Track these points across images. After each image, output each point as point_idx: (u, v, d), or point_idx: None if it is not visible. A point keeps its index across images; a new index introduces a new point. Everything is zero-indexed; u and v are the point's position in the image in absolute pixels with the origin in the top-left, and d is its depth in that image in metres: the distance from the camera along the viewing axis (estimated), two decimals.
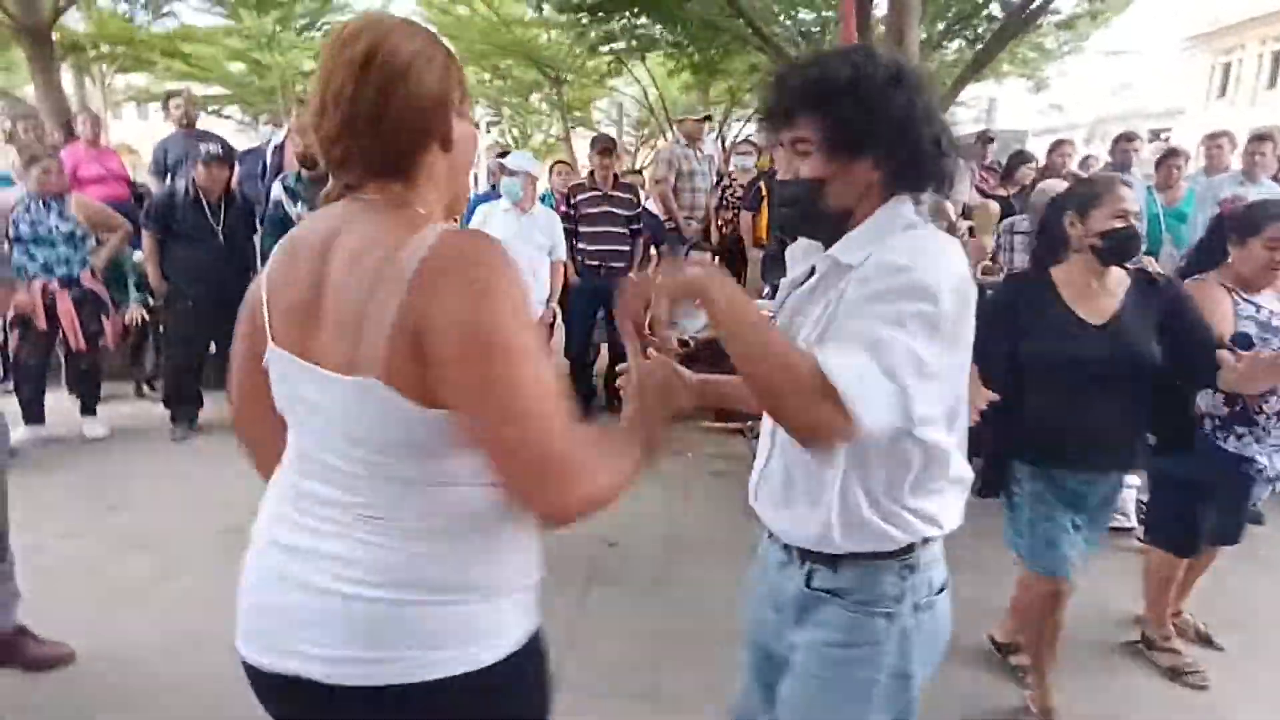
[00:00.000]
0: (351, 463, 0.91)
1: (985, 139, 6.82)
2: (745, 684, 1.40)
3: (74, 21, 10.81)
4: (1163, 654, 2.45)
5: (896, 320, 0.95)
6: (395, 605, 0.89)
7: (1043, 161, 5.78)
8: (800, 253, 1.24)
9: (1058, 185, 3.89)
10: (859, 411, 0.91)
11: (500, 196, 4.42)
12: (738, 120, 17.07)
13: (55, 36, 8.59)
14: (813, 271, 1.16)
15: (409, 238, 0.86)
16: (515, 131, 19.66)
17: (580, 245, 4.62)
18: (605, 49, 10.66)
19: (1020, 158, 5.60)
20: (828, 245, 1.13)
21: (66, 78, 10.43)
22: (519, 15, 13.96)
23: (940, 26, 9.01)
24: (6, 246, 3.77)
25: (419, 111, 0.91)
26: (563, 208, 4.87)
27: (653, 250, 5.30)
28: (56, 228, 3.91)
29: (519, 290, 0.89)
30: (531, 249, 4.13)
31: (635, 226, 4.80)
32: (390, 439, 0.89)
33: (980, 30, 8.52)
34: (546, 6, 11.95)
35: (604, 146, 4.85)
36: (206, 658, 2.37)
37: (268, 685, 0.94)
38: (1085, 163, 6.94)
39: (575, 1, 8.40)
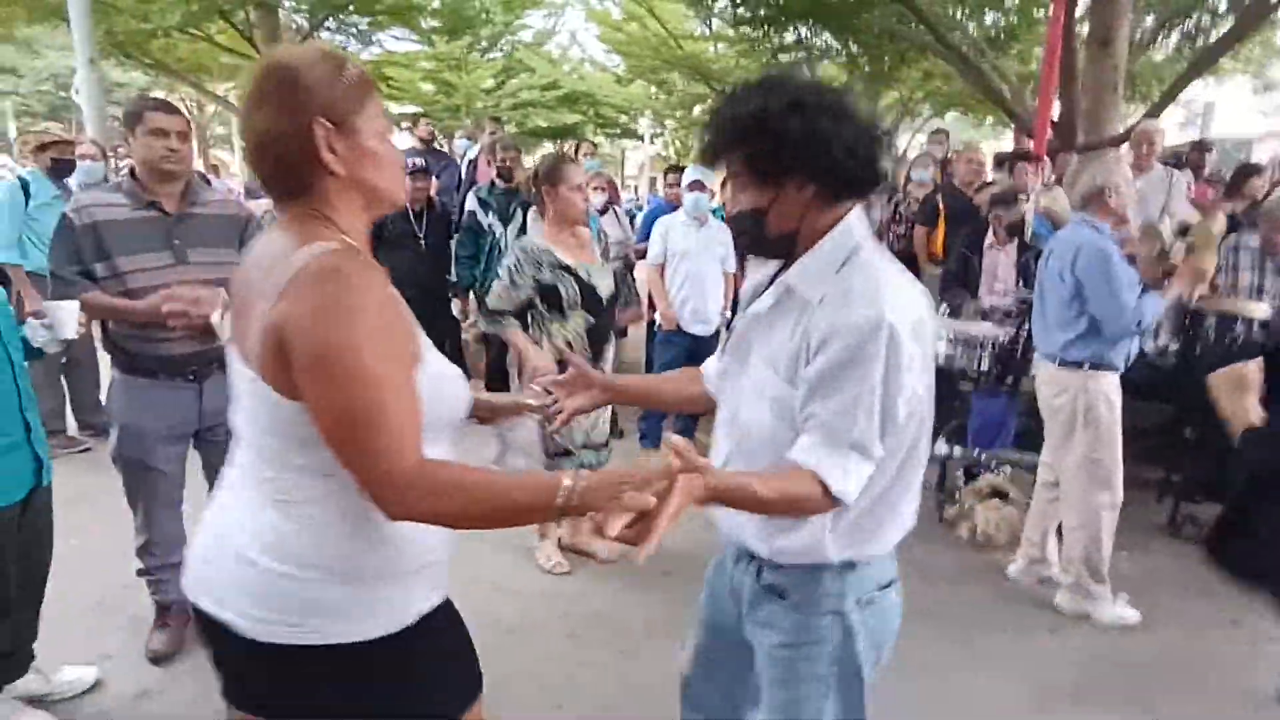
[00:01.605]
0: (260, 444, 1.05)
1: (1202, 148, 6.11)
2: (698, 669, 1.47)
3: None
4: None
5: (869, 388, 1.08)
6: (291, 579, 1.02)
7: (1276, 174, 5.09)
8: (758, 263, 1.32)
9: None
10: (852, 499, 1.11)
11: (674, 209, 4.55)
12: (906, 131, 16.37)
13: None
14: (770, 286, 1.23)
15: (297, 250, 0.97)
16: (677, 144, 20.02)
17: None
18: (776, 61, 10.62)
19: (1250, 168, 4.96)
20: (786, 262, 1.21)
21: None
22: (688, 31, 14.23)
23: (1149, 22, 8.15)
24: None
25: (279, 138, 0.99)
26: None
27: None
28: None
29: (377, 312, 0.96)
30: (710, 259, 4.23)
31: None
32: (273, 427, 1.02)
33: (1202, 24, 7.60)
34: (716, 21, 12.15)
35: None
36: None
37: (201, 623, 1.11)
38: None
39: (747, 15, 8.44)
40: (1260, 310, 3.37)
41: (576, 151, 6.21)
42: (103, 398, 3.31)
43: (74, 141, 4.39)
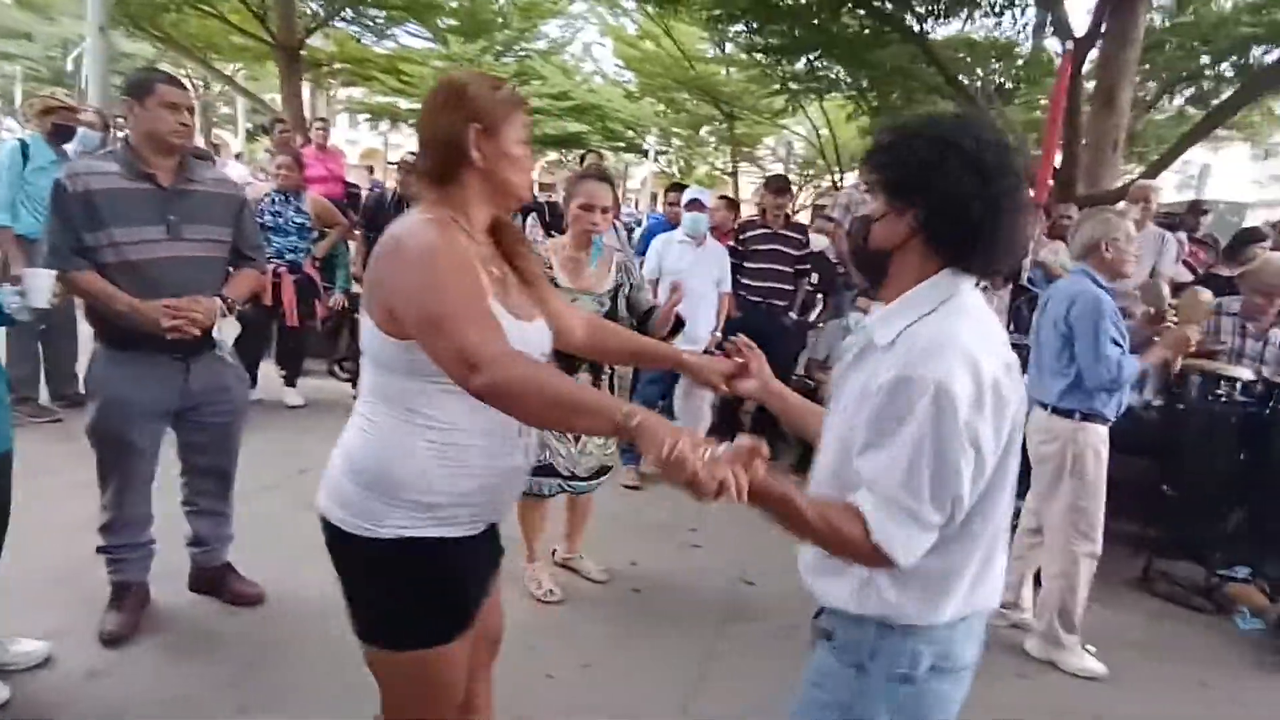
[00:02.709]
0: (368, 378, 1.32)
1: (1198, 210, 6.20)
2: None
3: (316, 42, 12.35)
4: None
5: (916, 449, 1.04)
6: (338, 470, 1.33)
7: (1270, 242, 5.16)
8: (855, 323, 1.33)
9: None
10: (900, 560, 1.07)
11: (673, 227, 4.56)
12: None
13: (303, 54, 9.87)
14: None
15: (400, 223, 1.26)
16: (681, 162, 20.14)
17: (745, 281, 4.66)
18: (786, 89, 10.74)
19: (1251, 234, 5.03)
20: (871, 285, 1.23)
21: (304, 89, 11.95)
22: (702, 53, 14.37)
23: (1154, 85, 8.31)
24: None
25: (445, 136, 1.28)
26: (729, 242, 4.94)
27: (820, 296, 5.23)
28: (292, 219, 4.48)
29: (448, 252, 1.20)
30: (706, 279, 4.22)
31: (801, 267, 4.77)
32: (374, 356, 1.29)
33: (1205, 88, 7.75)
34: (730, 46, 12.28)
35: (779, 186, 4.88)
36: None
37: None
38: None
39: (760, 42, 8.54)
40: (1244, 372, 3.41)
41: (582, 161, 6.23)
42: (79, 369, 3.25)
43: (77, 108, 4.35)
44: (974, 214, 1.08)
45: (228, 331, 2.32)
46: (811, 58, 8.41)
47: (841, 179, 15.43)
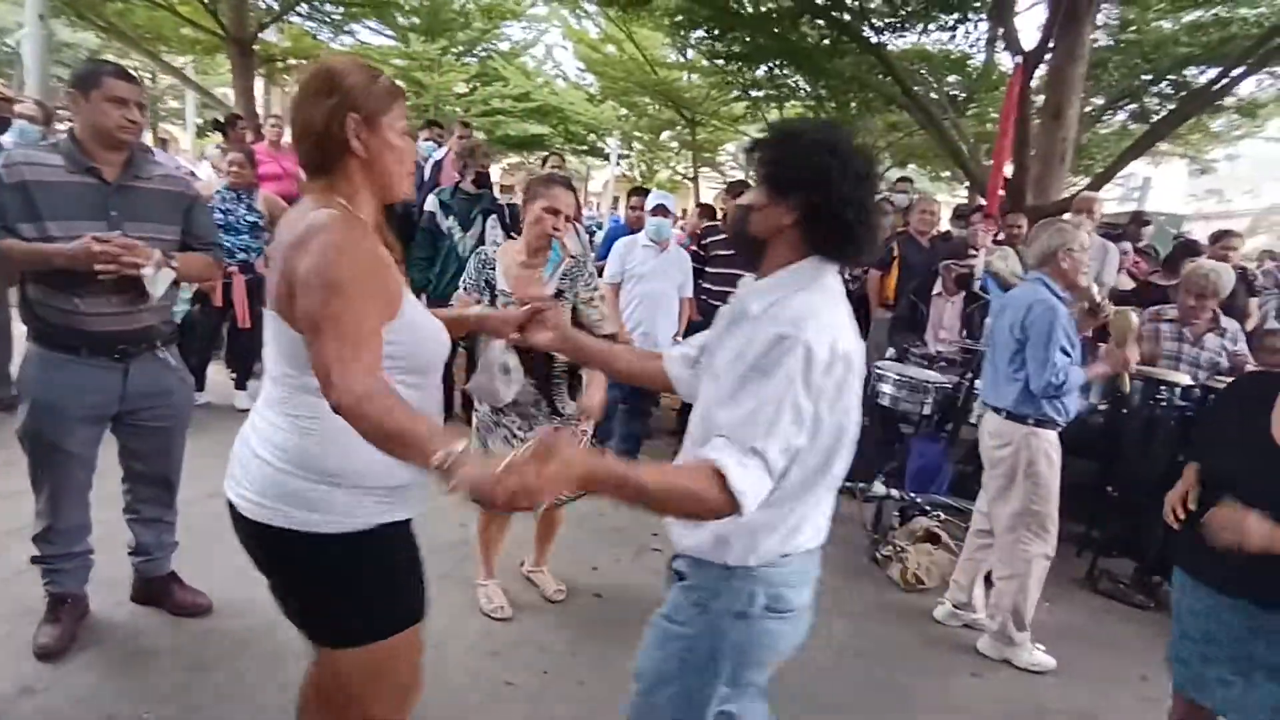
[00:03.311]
0: (277, 372, 1.32)
1: (1140, 221, 6.45)
2: None
3: (270, 36, 12.05)
4: None
5: (776, 400, 1.16)
6: (283, 474, 1.29)
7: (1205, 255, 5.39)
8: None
9: (1221, 266, 3.62)
10: (749, 506, 1.15)
11: (633, 232, 4.56)
12: None
13: (256, 48, 9.61)
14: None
15: (309, 215, 1.25)
16: (643, 166, 20.18)
17: (705, 285, 4.69)
18: (746, 96, 10.83)
19: (1189, 248, 5.25)
20: (749, 265, 1.35)
21: (257, 84, 11.64)
22: (664, 58, 14.43)
23: (1101, 100, 8.62)
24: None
25: (320, 125, 1.27)
26: (693, 247, 4.96)
27: None
28: (244, 218, 4.35)
29: (354, 255, 1.21)
30: (668, 284, 4.23)
31: None
32: (286, 353, 1.28)
33: (1147, 105, 8.07)
34: (692, 51, 12.36)
35: (740, 191, 4.92)
36: None
37: (228, 505, 1.38)
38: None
39: (722, 49, 8.62)
40: (1182, 377, 3.55)
41: (544, 164, 6.20)
42: (14, 370, 3.11)
43: (14, 99, 4.17)
44: (847, 216, 1.23)
45: (161, 281, 2.15)
46: (772, 65, 8.52)
47: None
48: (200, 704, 2.15)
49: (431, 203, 4.56)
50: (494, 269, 2.58)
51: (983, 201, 6.77)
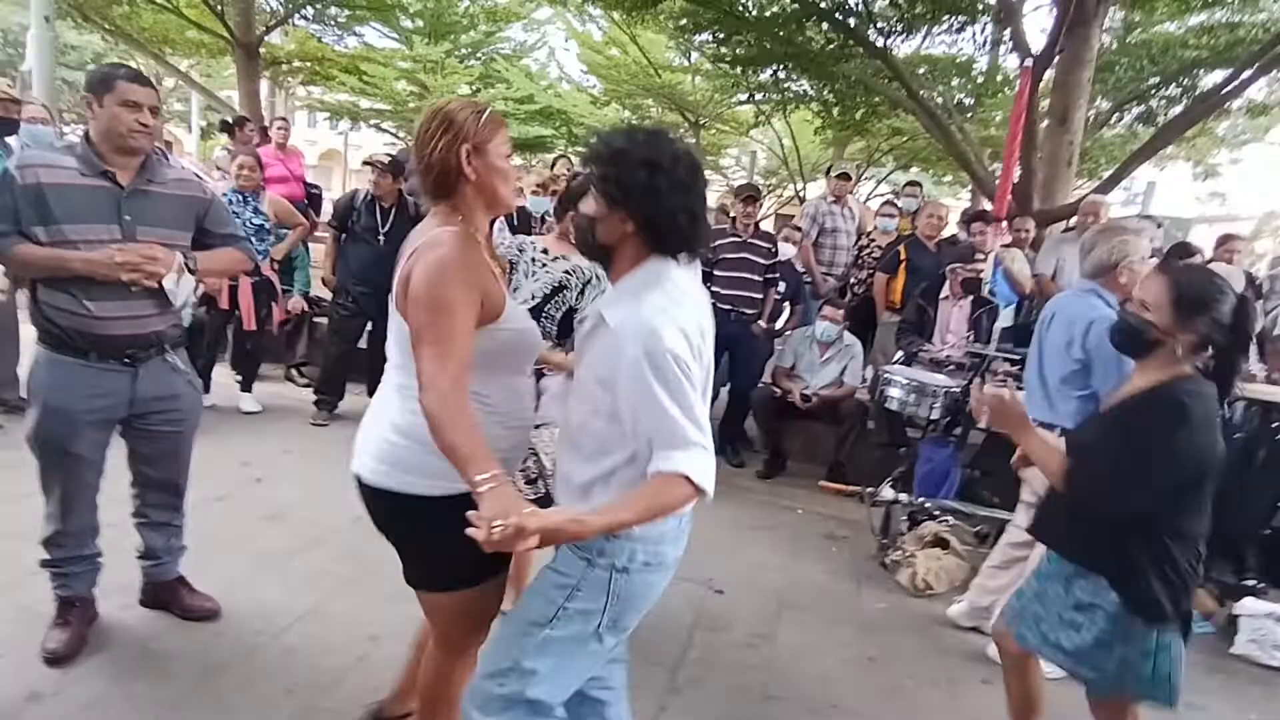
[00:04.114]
0: (398, 360, 1.57)
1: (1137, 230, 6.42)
2: None
3: (275, 39, 12.07)
4: None
5: (663, 401, 1.34)
6: (395, 445, 1.55)
7: (1208, 256, 5.38)
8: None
9: (1228, 270, 3.61)
10: (710, 487, 1.38)
11: None
12: (869, 179, 16.86)
13: (261, 51, 9.63)
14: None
15: (433, 230, 1.51)
16: None
17: (714, 289, 4.67)
18: (752, 100, 10.83)
19: (1182, 250, 5.23)
20: (603, 267, 1.54)
21: (263, 87, 11.66)
22: (668, 61, 14.44)
23: (1106, 105, 8.60)
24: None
25: (441, 159, 1.52)
26: None
27: (787, 305, 5.27)
28: (250, 220, 4.35)
29: (459, 269, 1.44)
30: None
31: (770, 276, 4.81)
32: (403, 345, 1.51)
33: (1154, 108, 8.04)
34: (696, 54, 12.36)
35: (748, 195, 4.91)
36: (330, 632, 2.53)
37: (354, 478, 1.62)
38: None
39: (726, 53, 8.60)
40: None
41: (554, 165, 6.19)
42: (22, 373, 3.10)
43: (19, 100, 4.16)
44: (679, 222, 1.41)
45: (183, 289, 2.19)
46: (777, 69, 8.50)
47: (805, 189, 15.64)
48: (209, 709, 2.13)
49: None
50: (535, 245, 2.59)
51: (986, 206, 6.77)
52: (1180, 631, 1.82)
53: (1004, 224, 5.11)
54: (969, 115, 9.50)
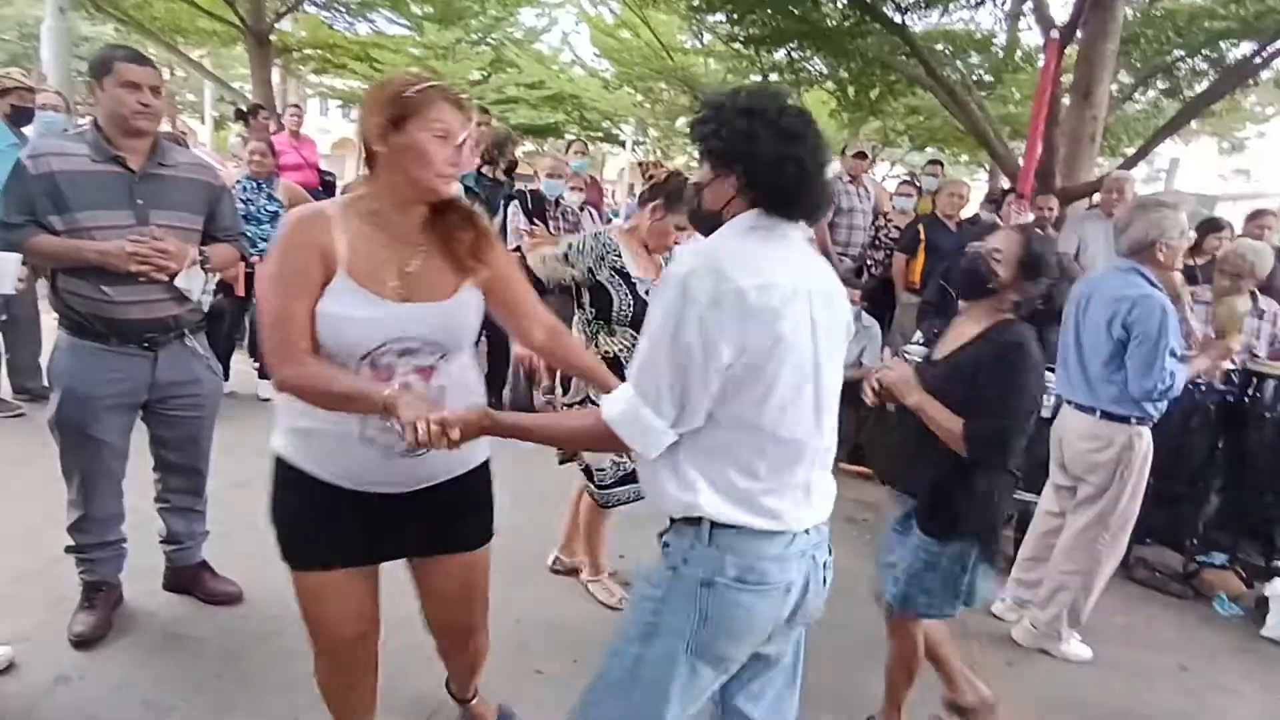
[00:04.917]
0: None
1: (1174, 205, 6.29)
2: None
3: (285, 26, 12.05)
4: None
5: (657, 336, 1.21)
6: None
7: (1238, 232, 5.25)
8: None
9: (1259, 247, 3.51)
10: (639, 449, 1.26)
11: None
12: (884, 160, 16.64)
13: (273, 39, 9.60)
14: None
15: None
16: (658, 153, 20.04)
17: None
18: (764, 80, 10.67)
19: (1211, 225, 5.10)
20: (707, 236, 1.36)
21: (274, 76, 11.66)
22: (680, 43, 14.27)
23: (1130, 79, 8.39)
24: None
25: (364, 130, 1.41)
26: None
27: None
28: (264, 207, 4.35)
29: (286, 247, 1.39)
30: None
31: None
32: None
33: (1180, 81, 7.84)
34: (709, 36, 12.20)
35: None
36: None
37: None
38: None
39: (739, 32, 8.48)
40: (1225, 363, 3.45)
41: (568, 150, 6.14)
42: (43, 361, 3.12)
43: (36, 89, 4.17)
44: (785, 172, 1.24)
45: (195, 283, 2.20)
46: (792, 48, 8.36)
47: None
48: (234, 691, 2.15)
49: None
50: (620, 255, 2.53)
51: (1005, 185, 6.65)
52: (985, 558, 2.01)
53: (1026, 201, 5.02)
54: (988, 93, 9.31)
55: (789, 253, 1.28)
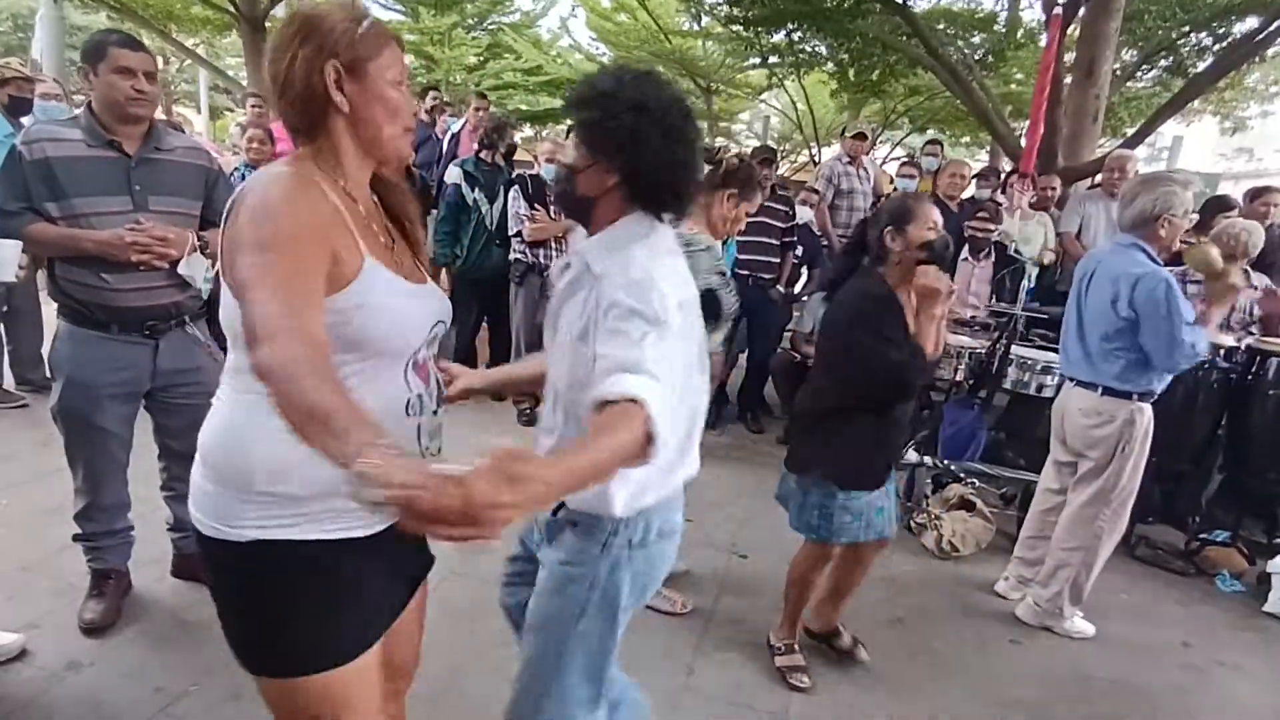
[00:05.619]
0: (229, 351, 1.16)
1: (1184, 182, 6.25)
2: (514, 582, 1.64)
3: (279, 13, 11.94)
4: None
5: (644, 331, 1.13)
6: (198, 468, 1.17)
7: (1237, 210, 5.21)
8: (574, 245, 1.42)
9: (1252, 225, 3.49)
10: (656, 429, 1.00)
11: None
12: (884, 142, 16.55)
13: (267, 26, 9.53)
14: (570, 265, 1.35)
15: (257, 172, 1.11)
16: None
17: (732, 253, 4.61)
18: (765, 63, 10.59)
19: (1219, 204, 5.07)
20: (580, 223, 1.37)
21: None
22: (678, 26, 14.16)
23: (1133, 56, 8.32)
24: None
25: (297, 78, 1.09)
26: None
27: (804, 269, 5.19)
28: None
29: (290, 213, 1.02)
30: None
31: (788, 239, 4.73)
32: (229, 320, 1.08)
33: (1183, 58, 7.77)
34: (707, 18, 12.09)
35: (764, 157, 4.81)
36: None
37: None
38: None
39: (738, 14, 8.40)
40: (1226, 339, 3.45)
41: (568, 135, 6.10)
42: (44, 351, 3.13)
43: (33, 79, 4.14)
44: (663, 176, 1.25)
45: (196, 269, 2.18)
46: (791, 29, 8.29)
47: (819, 154, 15.38)
48: (244, 676, 2.15)
49: (454, 174, 4.50)
50: (719, 258, 2.51)
51: (1006, 165, 6.60)
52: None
53: (1029, 179, 4.99)
54: (990, 72, 9.24)
55: (680, 265, 1.32)
